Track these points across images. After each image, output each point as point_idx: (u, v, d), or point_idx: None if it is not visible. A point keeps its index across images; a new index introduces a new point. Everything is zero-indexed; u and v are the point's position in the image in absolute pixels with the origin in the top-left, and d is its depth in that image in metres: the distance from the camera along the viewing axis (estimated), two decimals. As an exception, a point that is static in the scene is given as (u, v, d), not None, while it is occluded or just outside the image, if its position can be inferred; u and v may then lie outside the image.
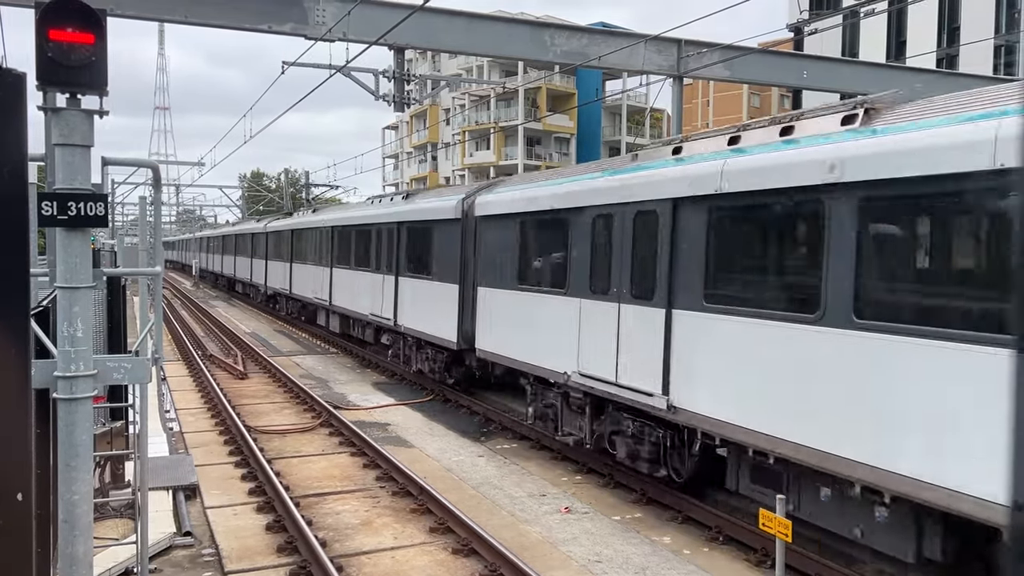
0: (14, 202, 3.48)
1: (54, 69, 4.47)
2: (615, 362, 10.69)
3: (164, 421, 14.79)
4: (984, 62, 36.58)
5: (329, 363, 23.36)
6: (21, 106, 3.50)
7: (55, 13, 4.44)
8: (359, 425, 14.60)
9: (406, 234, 19.02)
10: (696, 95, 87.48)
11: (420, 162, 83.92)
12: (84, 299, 4.79)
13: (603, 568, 8.57)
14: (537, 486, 11.51)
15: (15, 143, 3.48)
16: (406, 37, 15.37)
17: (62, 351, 4.75)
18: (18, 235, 3.51)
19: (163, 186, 6.86)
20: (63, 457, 4.78)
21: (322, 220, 27.44)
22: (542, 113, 68.60)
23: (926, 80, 20.48)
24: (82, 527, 4.79)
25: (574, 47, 17.13)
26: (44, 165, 5.10)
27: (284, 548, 8.92)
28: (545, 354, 12.50)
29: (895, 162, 6.80)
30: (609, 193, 10.98)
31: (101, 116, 4.70)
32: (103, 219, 4.71)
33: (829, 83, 20.36)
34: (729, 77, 19.14)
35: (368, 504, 10.61)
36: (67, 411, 4.79)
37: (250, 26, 14.72)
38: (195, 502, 10.56)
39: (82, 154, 4.68)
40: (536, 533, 9.58)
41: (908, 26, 41.65)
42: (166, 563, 8.61)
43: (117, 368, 5.33)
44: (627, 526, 9.92)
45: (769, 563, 8.44)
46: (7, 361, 3.50)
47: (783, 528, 6.84)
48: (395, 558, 8.79)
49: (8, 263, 3.48)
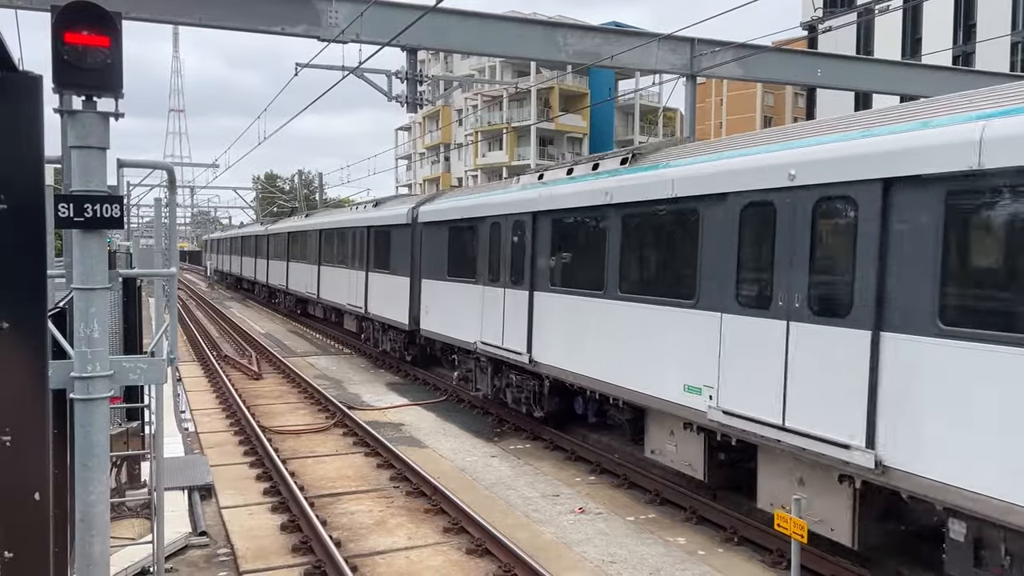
0: (31, 204, 3.50)
1: (70, 72, 4.49)
2: (502, 332, 14.35)
3: (179, 421, 14.87)
4: (1001, 59, 36.25)
5: (343, 364, 23.42)
6: (37, 108, 3.51)
7: (71, 16, 4.46)
8: (373, 425, 14.63)
9: (374, 236, 22.62)
10: (709, 94, 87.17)
11: (433, 163, 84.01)
12: (100, 300, 4.81)
13: (617, 569, 8.55)
14: (551, 486, 11.49)
15: (31, 145, 3.50)
16: (418, 38, 15.38)
17: (79, 352, 4.78)
18: (35, 237, 3.52)
19: (178, 188, 6.89)
20: (80, 457, 4.80)
21: (313, 224, 31.23)
22: (554, 113, 68.52)
23: (941, 78, 20.31)
24: (99, 527, 4.81)
25: (587, 47, 17.09)
26: (60, 167, 5.14)
27: (299, 548, 8.95)
28: (463, 329, 16.05)
29: (638, 191, 10.58)
30: (491, 207, 15.03)
31: (116, 118, 4.72)
32: (119, 221, 4.73)
33: (843, 81, 20.21)
34: (743, 76, 19.04)
35: (382, 504, 10.63)
36: (84, 411, 4.81)
37: (263, 28, 14.77)
38: (210, 502, 10.61)
39: (98, 156, 4.70)
40: (550, 534, 9.57)
41: (924, 23, 41.33)
42: (182, 563, 8.66)
43: (133, 369, 5.36)
44: (641, 527, 9.89)
45: (784, 564, 8.39)
46: (24, 362, 3.51)
47: (798, 529, 6.80)
48: (409, 558, 8.80)
49: (25, 265, 3.50)
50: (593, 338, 11.64)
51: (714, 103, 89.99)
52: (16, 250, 3.46)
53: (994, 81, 18.70)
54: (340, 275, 26.13)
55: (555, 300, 12.66)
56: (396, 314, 20.29)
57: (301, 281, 32.59)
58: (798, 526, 6.81)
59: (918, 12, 40.63)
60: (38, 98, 3.51)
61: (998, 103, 6.57)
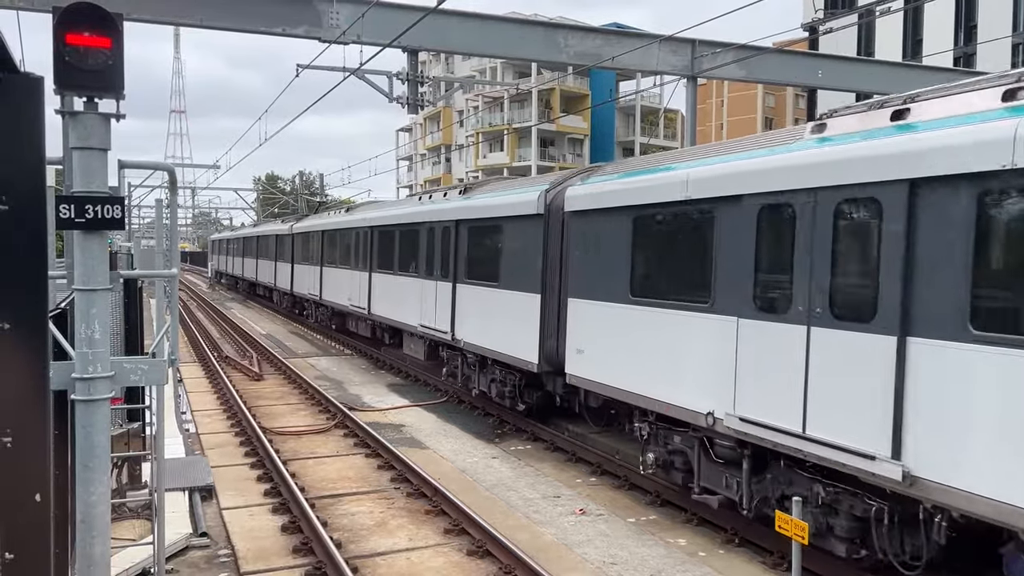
0: (32, 205, 3.50)
1: (71, 73, 4.49)
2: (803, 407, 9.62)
3: (180, 423, 14.87)
4: (1002, 60, 36.23)
5: (344, 365, 23.42)
6: (39, 110, 3.52)
7: (72, 17, 4.47)
8: (374, 426, 14.63)
9: (466, 234, 16.31)
10: (710, 95, 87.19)
11: (434, 164, 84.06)
12: (101, 301, 4.82)
13: (618, 570, 8.54)
14: (551, 488, 11.49)
15: (33, 146, 3.50)
16: (419, 39, 15.40)
17: (80, 353, 4.78)
18: (36, 238, 3.53)
19: (179, 189, 6.90)
20: (81, 458, 4.81)
21: (360, 220, 24.93)
22: (555, 114, 68.56)
23: (942, 79, 20.29)
24: (100, 528, 4.81)
25: (588, 48, 17.11)
26: (62, 168, 5.13)
27: (299, 549, 8.95)
28: (682, 388, 9.60)
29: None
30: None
31: (118, 119, 4.72)
32: (120, 222, 4.73)
33: (844, 83, 20.23)
34: (744, 77, 19.06)
35: (383, 505, 10.63)
36: (85, 412, 4.81)
37: (264, 29, 14.80)
38: (211, 503, 10.61)
39: (99, 157, 4.70)
40: (551, 535, 9.56)
41: (924, 24, 41.33)
42: (182, 563, 8.66)
43: (134, 370, 5.36)
44: (642, 528, 9.89)
45: (785, 566, 8.38)
46: (25, 363, 3.52)
47: (799, 530, 6.79)
48: (410, 559, 8.80)
49: (26, 265, 3.50)
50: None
51: (715, 104, 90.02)
52: (17, 251, 3.46)
53: (995, 82, 18.63)
54: (406, 286, 19.85)
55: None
56: (512, 346, 14.16)
57: (342, 291, 26.23)
58: (799, 527, 6.80)
59: (919, 13, 40.63)
60: (39, 99, 3.51)
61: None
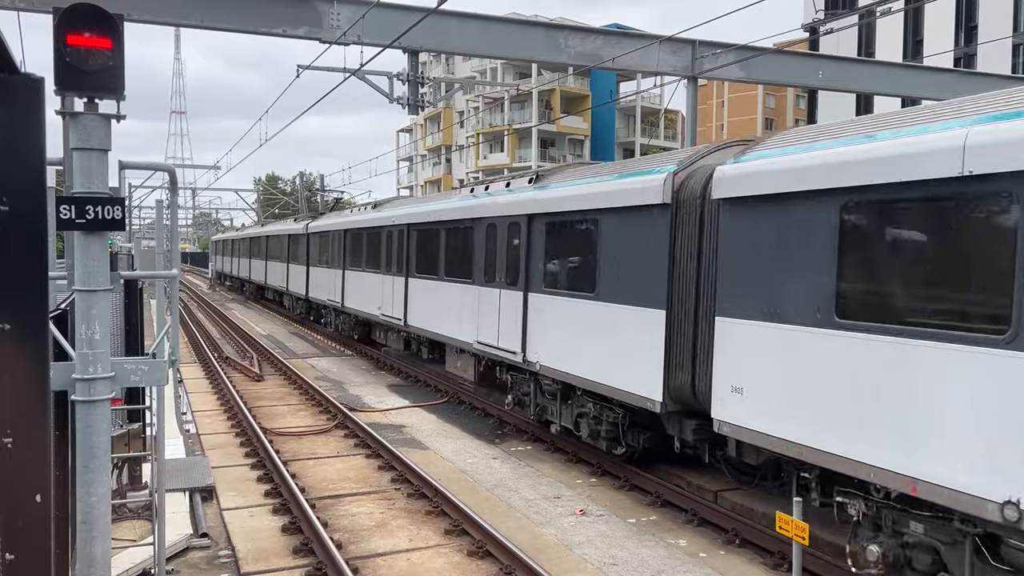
0: (32, 206, 3.50)
1: (72, 74, 4.49)
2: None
3: (181, 423, 14.87)
4: (1003, 61, 36.25)
5: (344, 365, 23.42)
6: (39, 110, 3.52)
7: (73, 18, 4.47)
8: (374, 427, 14.63)
9: (543, 232, 13.25)
10: (711, 96, 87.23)
11: (434, 164, 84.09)
12: (102, 302, 4.82)
13: (619, 571, 8.54)
14: (552, 488, 11.49)
15: (33, 147, 3.50)
16: (420, 40, 15.41)
17: (80, 353, 4.78)
18: (36, 238, 3.52)
19: (179, 189, 6.90)
20: (81, 459, 4.81)
21: (394, 217, 21.50)
22: (556, 115, 68.57)
23: (942, 80, 20.32)
24: (100, 528, 4.81)
25: (588, 48, 17.11)
26: (62, 169, 5.15)
27: (300, 550, 8.95)
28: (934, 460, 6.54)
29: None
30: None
31: (118, 120, 4.73)
32: (120, 223, 4.73)
33: (845, 83, 20.24)
34: (744, 78, 19.06)
35: (383, 506, 10.63)
36: (85, 413, 4.81)
37: (265, 30, 14.80)
38: (211, 504, 10.61)
39: (99, 158, 4.70)
40: (551, 535, 9.56)
41: (925, 25, 41.34)
42: (183, 564, 8.66)
43: (134, 370, 5.36)
44: (642, 528, 9.89)
45: (786, 566, 8.38)
46: (26, 363, 3.52)
47: (800, 531, 6.79)
48: (410, 560, 8.80)
49: (26, 266, 3.50)
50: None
51: (715, 105, 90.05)
52: (17, 252, 3.46)
53: (997, 83, 18.69)
54: (454, 295, 16.84)
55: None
56: (618, 376, 11.00)
57: (370, 298, 23.22)
58: (799, 528, 6.80)
59: (919, 14, 40.64)
60: (40, 100, 3.51)
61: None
